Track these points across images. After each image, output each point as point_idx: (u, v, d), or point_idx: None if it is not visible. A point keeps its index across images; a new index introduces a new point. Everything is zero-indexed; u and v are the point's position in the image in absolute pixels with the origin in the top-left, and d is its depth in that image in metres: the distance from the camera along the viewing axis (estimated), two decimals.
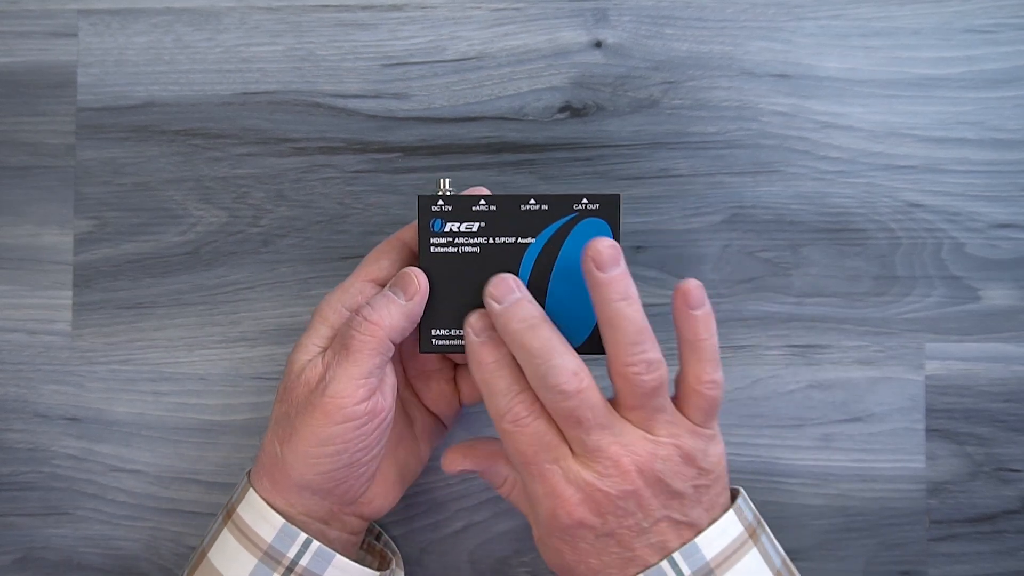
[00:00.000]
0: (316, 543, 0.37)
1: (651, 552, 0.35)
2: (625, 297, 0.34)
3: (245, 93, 0.46)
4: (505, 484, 0.40)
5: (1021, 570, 0.44)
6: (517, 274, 0.38)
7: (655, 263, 0.45)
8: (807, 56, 0.45)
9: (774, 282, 0.45)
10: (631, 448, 0.35)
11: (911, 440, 0.45)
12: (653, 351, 0.35)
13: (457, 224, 0.38)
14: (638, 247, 0.45)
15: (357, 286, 0.38)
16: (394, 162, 0.46)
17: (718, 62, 0.45)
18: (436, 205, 0.38)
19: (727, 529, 0.36)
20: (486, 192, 0.39)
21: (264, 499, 0.37)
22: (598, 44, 0.46)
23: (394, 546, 0.43)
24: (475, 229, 0.38)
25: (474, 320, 0.36)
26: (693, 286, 0.35)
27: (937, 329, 0.45)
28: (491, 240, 0.38)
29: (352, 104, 0.46)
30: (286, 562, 0.37)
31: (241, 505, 0.38)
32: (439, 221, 0.38)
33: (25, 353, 0.46)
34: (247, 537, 0.37)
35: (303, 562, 0.37)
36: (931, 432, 0.45)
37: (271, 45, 0.46)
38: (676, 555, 0.35)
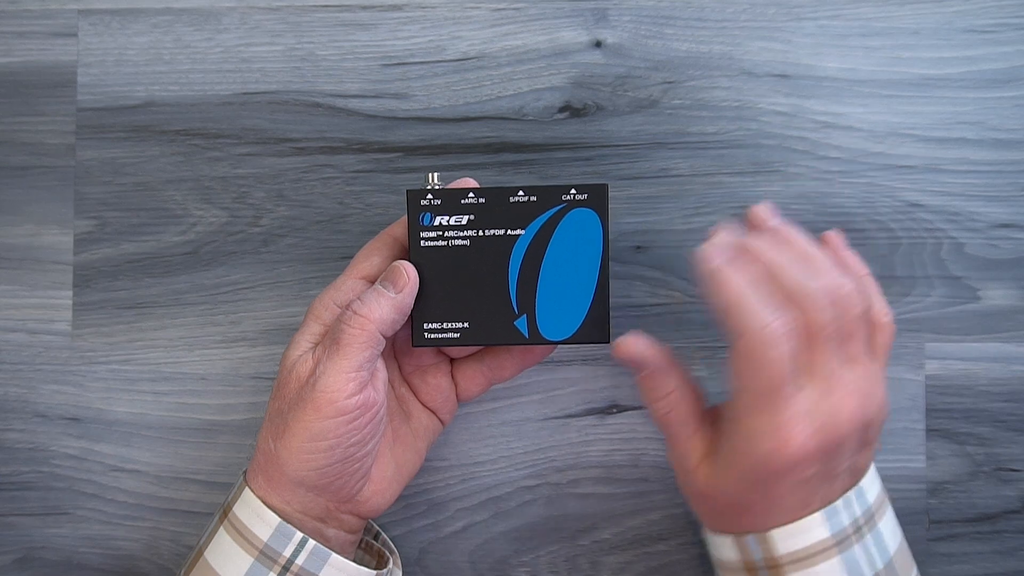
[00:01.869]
0: (312, 542, 0.37)
1: (820, 503, 0.35)
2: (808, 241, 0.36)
3: (245, 93, 0.46)
4: (668, 397, 0.37)
5: (1021, 570, 0.44)
6: (507, 266, 0.38)
7: (655, 263, 0.45)
8: (807, 56, 0.45)
9: None
10: (856, 385, 0.34)
11: (911, 440, 0.45)
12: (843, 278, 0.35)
13: (446, 217, 0.38)
14: (638, 247, 0.45)
15: (349, 283, 0.39)
16: (394, 162, 0.46)
17: (718, 62, 0.45)
18: (425, 199, 0.38)
19: (875, 476, 0.38)
20: (474, 184, 0.39)
21: (260, 498, 0.37)
22: (598, 44, 0.46)
23: (392, 545, 0.43)
24: (464, 222, 0.38)
25: (707, 248, 0.34)
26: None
27: (937, 329, 0.45)
28: (481, 233, 0.38)
29: (352, 104, 0.46)
30: (282, 561, 0.37)
31: (237, 504, 0.38)
32: (428, 215, 0.38)
33: (25, 353, 0.46)
34: (243, 536, 0.37)
35: (299, 561, 0.37)
36: (931, 432, 0.45)
37: (271, 45, 0.46)
38: (850, 494, 0.36)
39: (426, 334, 0.39)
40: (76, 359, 0.46)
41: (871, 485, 0.37)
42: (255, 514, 0.37)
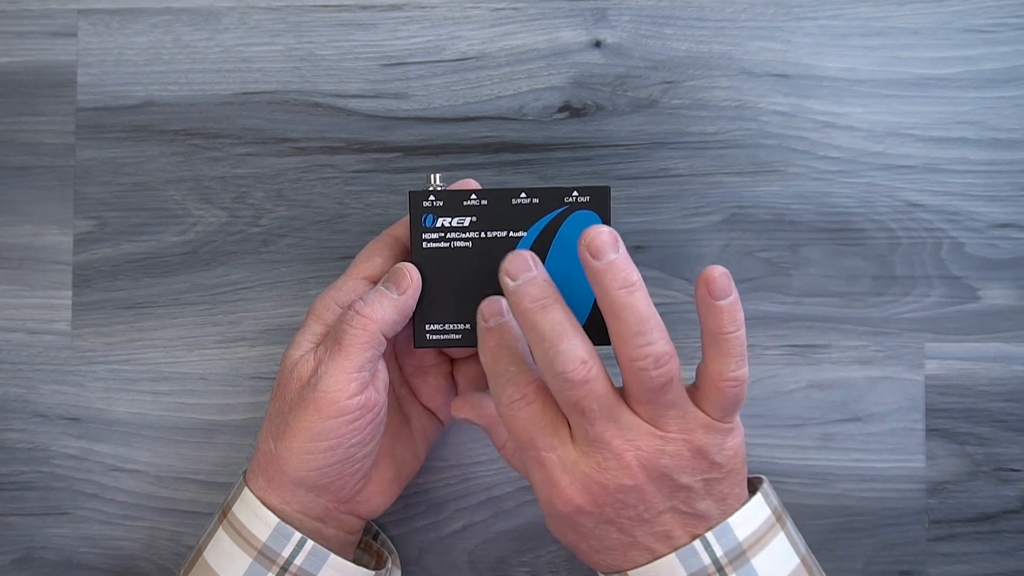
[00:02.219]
0: (311, 542, 0.37)
1: (655, 540, 0.35)
2: (626, 284, 0.32)
3: (245, 93, 0.46)
4: (505, 448, 0.40)
5: (1021, 570, 0.44)
6: None
7: (655, 263, 0.45)
8: (806, 56, 0.45)
9: (774, 282, 0.45)
10: (636, 443, 0.34)
11: (911, 440, 0.45)
12: (661, 342, 0.33)
13: (448, 219, 0.38)
14: (638, 247, 0.45)
15: (351, 284, 0.39)
16: (394, 162, 0.46)
17: (718, 62, 0.45)
18: (427, 201, 0.38)
19: (756, 513, 0.36)
20: (476, 186, 0.39)
21: (259, 498, 0.37)
22: (597, 44, 0.46)
23: (392, 545, 0.43)
24: (466, 224, 0.38)
25: (485, 306, 0.35)
26: (718, 274, 0.33)
27: (937, 329, 0.45)
28: (483, 235, 0.38)
29: (352, 104, 0.46)
30: (281, 561, 0.37)
31: (236, 504, 0.38)
32: (431, 216, 0.38)
33: (25, 353, 0.46)
34: (242, 536, 0.37)
35: (297, 561, 0.37)
36: (931, 432, 0.45)
37: (271, 45, 0.46)
38: (709, 535, 0.34)
39: (428, 335, 0.39)
40: (76, 359, 0.46)
41: (748, 519, 0.35)
42: (254, 514, 0.37)
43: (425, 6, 0.46)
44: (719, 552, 0.34)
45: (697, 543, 0.34)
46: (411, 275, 0.38)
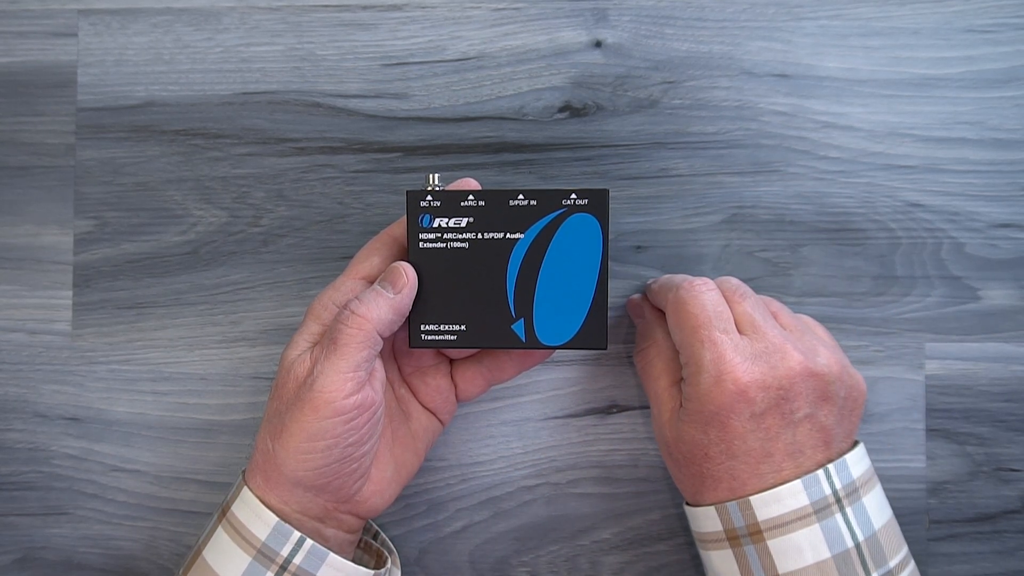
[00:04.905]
0: (310, 541, 0.37)
1: (786, 456, 0.37)
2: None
3: (245, 93, 0.46)
4: (648, 349, 0.42)
5: (1021, 570, 0.44)
6: (506, 269, 0.38)
7: (655, 263, 0.45)
8: (807, 56, 0.45)
9: (774, 282, 0.45)
10: (793, 341, 0.38)
11: (911, 440, 0.45)
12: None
13: (446, 219, 0.38)
14: (638, 247, 0.45)
15: (348, 284, 0.39)
16: (394, 162, 0.46)
17: (718, 62, 0.45)
18: (424, 201, 0.38)
19: (863, 459, 0.39)
20: (475, 185, 0.39)
21: (258, 497, 0.37)
22: (598, 44, 0.46)
23: (391, 545, 0.43)
24: (464, 224, 0.38)
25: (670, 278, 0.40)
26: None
27: (937, 329, 0.45)
28: (480, 235, 0.38)
29: (352, 104, 0.46)
30: (280, 560, 0.37)
31: (235, 503, 0.38)
32: (428, 216, 0.38)
33: (25, 353, 0.46)
34: (241, 535, 0.37)
35: (296, 560, 0.37)
36: (931, 432, 0.45)
37: (271, 45, 0.46)
38: (831, 467, 0.37)
39: (423, 335, 0.39)
40: (76, 359, 0.46)
41: (857, 462, 0.38)
42: (253, 513, 0.37)
43: (426, 6, 0.46)
44: (839, 484, 0.37)
45: (820, 472, 0.36)
46: (407, 274, 0.38)
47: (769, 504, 0.36)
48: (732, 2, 0.45)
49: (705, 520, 0.38)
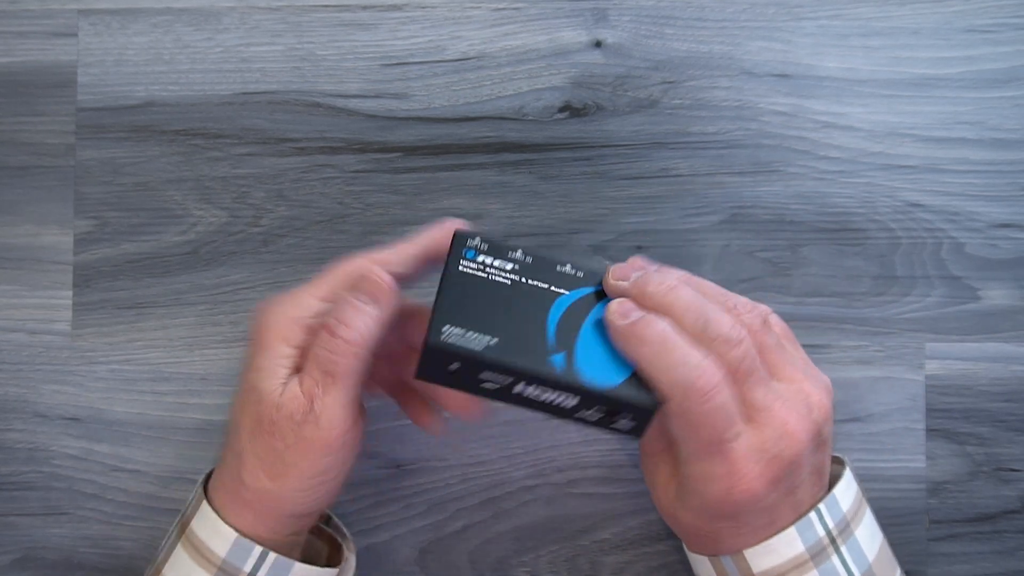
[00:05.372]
0: (272, 555, 0.36)
1: (789, 511, 0.34)
2: (661, 284, 0.34)
3: (245, 93, 0.46)
4: (654, 450, 0.37)
5: (1021, 570, 0.44)
6: (546, 317, 0.34)
7: (655, 263, 0.45)
8: (807, 56, 0.45)
9: (774, 282, 0.45)
10: (791, 403, 0.33)
11: (911, 440, 0.45)
12: (723, 323, 0.33)
13: (491, 259, 0.35)
14: (638, 247, 0.45)
15: (306, 301, 0.36)
16: (394, 162, 0.46)
17: (718, 62, 0.45)
18: (473, 240, 0.35)
19: (851, 485, 0.36)
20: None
21: (244, 532, 0.36)
22: (598, 44, 0.46)
23: (344, 529, 0.42)
24: (508, 268, 0.35)
25: (615, 306, 0.33)
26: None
27: (937, 329, 0.45)
28: (524, 280, 0.35)
29: (352, 104, 0.46)
30: None
31: (195, 519, 0.37)
32: (473, 251, 0.35)
33: (25, 353, 0.46)
34: (200, 553, 0.36)
35: (261, 575, 0.36)
36: (931, 432, 0.45)
37: (271, 45, 0.46)
38: (821, 507, 0.34)
39: (444, 335, 0.33)
40: (76, 359, 0.46)
41: (845, 492, 0.36)
42: (213, 530, 0.36)
43: (426, 6, 0.46)
44: (831, 523, 0.34)
45: (812, 515, 0.34)
46: (383, 280, 0.34)
47: (765, 556, 0.34)
48: (732, 2, 0.45)
49: (700, 567, 0.37)
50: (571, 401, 0.34)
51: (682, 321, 0.33)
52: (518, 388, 0.34)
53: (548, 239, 0.45)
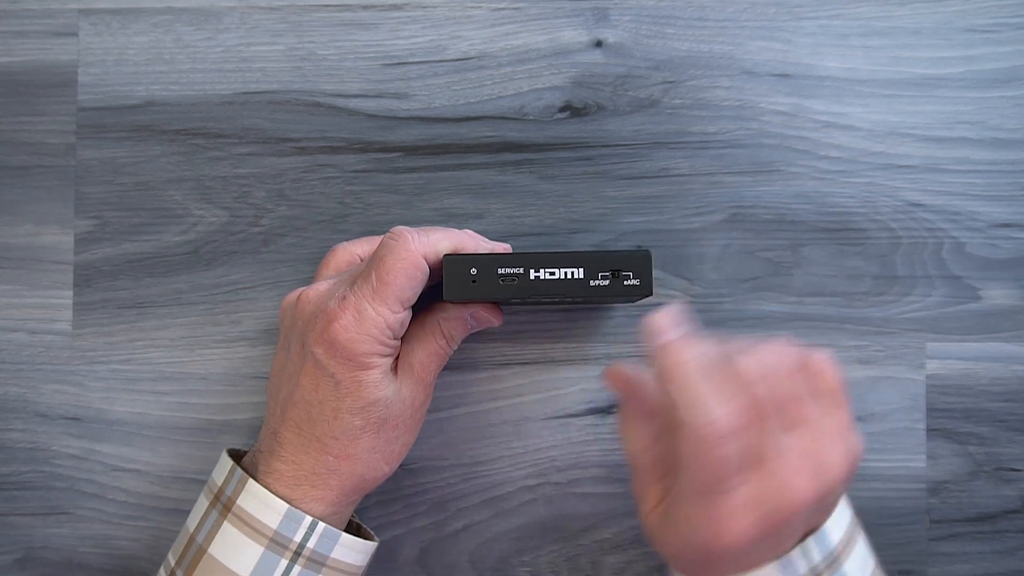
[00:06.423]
0: (322, 524, 0.37)
1: (773, 555, 0.33)
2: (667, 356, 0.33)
3: (245, 93, 0.46)
4: (640, 442, 0.37)
5: (1021, 570, 0.44)
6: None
7: (655, 263, 0.45)
8: (807, 56, 0.45)
9: (774, 282, 0.45)
10: (799, 460, 0.32)
11: (911, 439, 0.45)
12: (709, 408, 0.31)
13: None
14: (639, 247, 0.45)
15: (380, 317, 0.37)
16: (394, 162, 0.46)
17: (718, 62, 0.45)
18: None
19: (844, 512, 0.35)
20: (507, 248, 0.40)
21: (308, 511, 0.37)
22: (598, 44, 0.46)
23: (356, 519, 0.43)
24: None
25: (649, 321, 0.33)
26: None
27: (938, 329, 0.45)
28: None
29: (353, 104, 0.46)
30: (293, 547, 0.37)
31: (241, 496, 0.38)
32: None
33: (25, 353, 0.46)
34: (250, 526, 0.37)
35: (311, 544, 0.37)
36: (932, 432, 0.45)
37: (271, 45, 0.46)
38: (809, 541, 0.33)
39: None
40: (77, 359, 0.46)
41: (837, 523, 0.35)
42: (262, 503, 0.37)
43: (426, 6, 0.46)
44: (817, 558, 0.33)
45: (796, 551, 0.33)
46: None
47: None
48: (733, 2, 0.45)
49: None
50: (579, 272, 0.36)
51: (714, 356, 0.32)
52: (534, 274, 0.36)
53: (548, 239, 0.45)
